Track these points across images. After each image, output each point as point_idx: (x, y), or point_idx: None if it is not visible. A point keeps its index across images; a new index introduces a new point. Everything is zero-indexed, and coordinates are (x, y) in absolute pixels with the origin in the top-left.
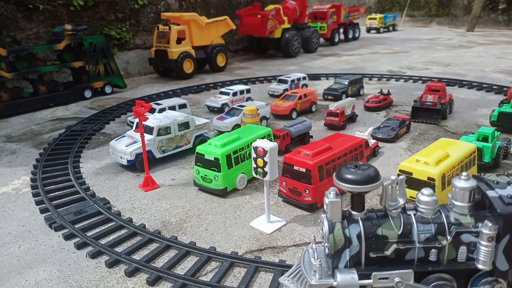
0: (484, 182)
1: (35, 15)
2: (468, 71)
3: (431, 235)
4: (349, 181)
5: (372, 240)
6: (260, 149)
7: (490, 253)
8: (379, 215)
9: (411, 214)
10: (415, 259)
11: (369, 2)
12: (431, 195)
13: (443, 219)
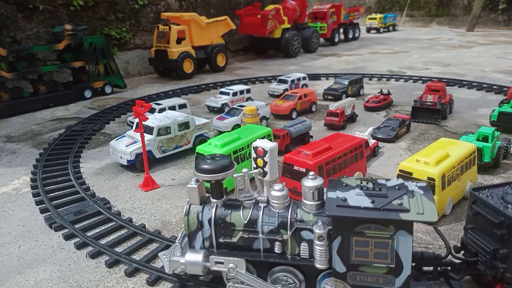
0: (335, 183)
1: (35, 15)
2: (468, 71)
3: (274, 228)
4: (205, 171)
5: (221, 226)
6: (260, 149)
7: (324, 252)
8: (233, 204)
9: (261, 206)
10: (261, 248)
11: (369, 2)
12: (281, 191)
13: (288, 215)
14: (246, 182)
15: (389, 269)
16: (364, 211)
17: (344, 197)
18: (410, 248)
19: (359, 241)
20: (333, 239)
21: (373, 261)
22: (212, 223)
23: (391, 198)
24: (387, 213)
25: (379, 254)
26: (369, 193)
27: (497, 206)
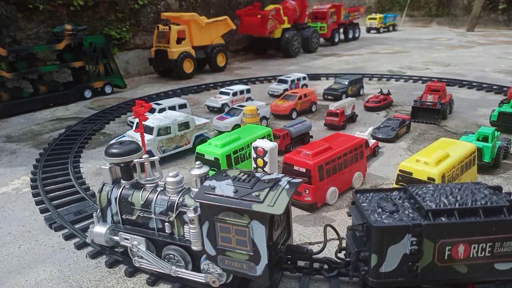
0: (219, 173)
1: (35, 15)
2: (468, 71)
3: (164, 210)
4: (114, 154)
5: (124, 204)
6: (260, 149)
7: (197, 235)
8: (137, 186)
9: (158, 190)
10: (155, 227)
11: (369, 2)
12: (175, 177)
13: (177, 199)
14: (147, 167)
15: (249, 256)
16: (224, 199)
17: (214, 186)
18: (263, 238)
19: (222, 227)
20: (202, 223)
21: (235, 247)
22: (117, 201)
23: (254, 189)
24: (241, 203)
25: (239, 241)
26: (236, 184)
27: (363, 209)
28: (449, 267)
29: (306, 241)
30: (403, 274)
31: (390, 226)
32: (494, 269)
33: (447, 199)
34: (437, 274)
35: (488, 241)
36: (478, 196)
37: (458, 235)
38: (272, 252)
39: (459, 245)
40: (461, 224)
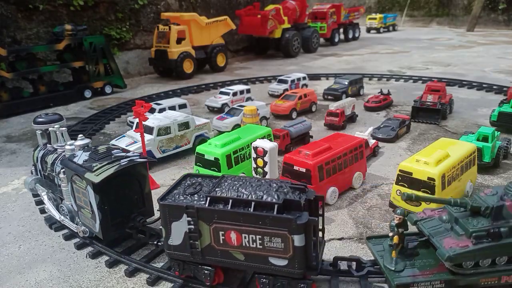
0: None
1: (35, 15)
2: (468, 71)
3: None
4: (36, 122)
5: (43, 163)
6: (260, 149)
7: (66, 193)
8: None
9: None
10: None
11: (369, 2)
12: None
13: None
14: (58, 136)
15: (91, 214)
16: (74, 165)
17: (76, 155)
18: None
19: (76, 188)
20: (68, 183)
21: (84, 206)
22: (39, 160)
23: (98, 161)
24: (80, 170)
25: (85, 201)
26: (91, 156)
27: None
28: (226, 251)
29: None
30: (188, 250)
31: (170, 204)
32: (269, 262)
33: (246, 190)
34: (218, 256)
35: (258, 234)
36: (274, 191)
37: (229, 222)
38: (107, 215)
39: (231, 232)
40: (230, 212)
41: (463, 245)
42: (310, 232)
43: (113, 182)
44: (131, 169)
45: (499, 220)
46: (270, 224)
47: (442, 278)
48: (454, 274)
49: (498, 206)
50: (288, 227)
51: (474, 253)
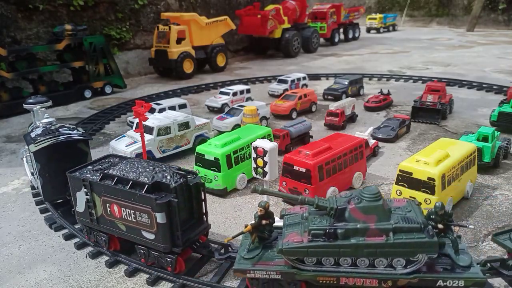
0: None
1: (35, 15)
2: (468, 71)
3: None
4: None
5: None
6: (260, 149)
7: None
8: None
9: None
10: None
11: (369, 2)
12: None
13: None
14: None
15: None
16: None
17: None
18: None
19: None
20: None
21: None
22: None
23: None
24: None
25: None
26: (43, 131)
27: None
28: (113, 221)
29: None
30: (88, 217)
31: (73, 176)
32: (142, 234)
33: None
34: (108, 225)
35: (131, 209)
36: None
37: (112, 196)
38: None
39: (114, 205)
40: (112, 188)
41: (297, 241)
42: (172, 212)
43: (54, 155)
44: (72, 145)
45: (340, 221)
46: (139, 201)
47: (278, 270)
48: (293, 267)
49: (341, 208)
50: (151, 205)
51: (306, 249)
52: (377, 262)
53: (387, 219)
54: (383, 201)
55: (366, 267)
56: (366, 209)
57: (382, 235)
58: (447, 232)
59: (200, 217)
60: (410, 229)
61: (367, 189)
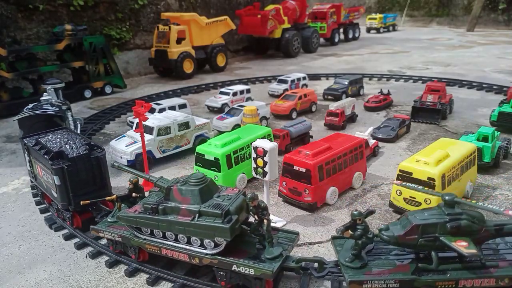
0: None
1: (35, 15)
2: (468, 71)
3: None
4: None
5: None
6: (260, 149)
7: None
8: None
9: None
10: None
11: (369, 2)
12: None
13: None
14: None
15: None
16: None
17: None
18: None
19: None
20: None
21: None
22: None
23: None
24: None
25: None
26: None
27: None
28: (40, 180)
29: (306, 241)
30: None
31: (21, 140)
32: (52, 193)
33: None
34: (39, 183)
35: (45, 171)
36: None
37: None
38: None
39: (38, 166)
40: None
41: (132, 210)
42: (65, 176)
43: (34, 125)
44: (49, 118)
45: (167, 199)
46: (46, 165)
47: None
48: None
49: (168, 188)
50: (50, 169)
51: (135, 218)
52: (193, 240)
53: (198, 203)
54: (207, 187)
55: (185, 243)
56: (183, 191)
57: (190, 215)
58: (261, 225)
59: (103, 186)
60: (213, 214)
61: (194, 175)
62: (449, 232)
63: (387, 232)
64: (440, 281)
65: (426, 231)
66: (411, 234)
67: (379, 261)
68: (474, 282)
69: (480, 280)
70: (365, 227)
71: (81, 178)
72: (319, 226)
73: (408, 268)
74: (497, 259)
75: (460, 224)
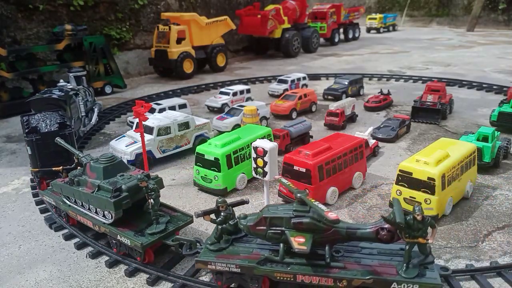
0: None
1: (35, 15)
2: (468, 71)
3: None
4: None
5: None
6: (260, 149)
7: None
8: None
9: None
10: None
11: (369, 2)
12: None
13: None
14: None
15: None
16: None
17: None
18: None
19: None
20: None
21: None
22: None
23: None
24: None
25: None
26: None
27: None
28: None
29: None
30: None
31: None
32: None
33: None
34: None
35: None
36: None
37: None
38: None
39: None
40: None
41: (61, 180)
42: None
43: (44, 106)
44: (54, 101)
45: (84, 173)
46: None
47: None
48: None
49: (85, 163)
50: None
51: (60, 187)
52: (98, 211)
53: (100, 178)
54: (112, 166)
55: (94, 213)
56: (92, 167)
57: (92, 188)
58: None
59: (68, 159)
60: (107, 189)
61: (105, 154)
62: (293, 227)
63: (243, 221)
64: (279, 272)
65: (274, 223)
66: (260, 225)
67: (241, 248)
68: (312, 279)
69: (318, 278)
70: (227, 214)
71: (50, 151)
72: None
73: (258, 257)
74: (348, 262)
75: (302, 221)
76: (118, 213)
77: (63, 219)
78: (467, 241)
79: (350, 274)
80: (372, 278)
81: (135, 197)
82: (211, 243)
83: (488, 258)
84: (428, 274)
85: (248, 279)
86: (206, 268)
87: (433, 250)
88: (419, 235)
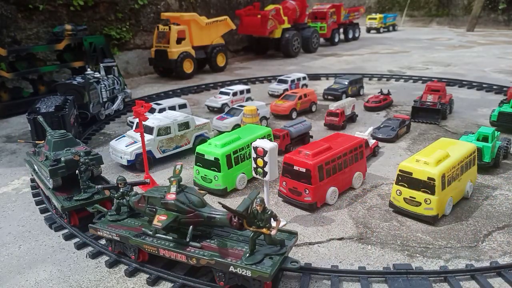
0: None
1: (35, 15)
2: (468, 71)
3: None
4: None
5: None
6: (260, 149)
7: None
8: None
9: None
10: None
11: (369, 2)
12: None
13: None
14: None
15: None
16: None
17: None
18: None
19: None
20: None
21: None
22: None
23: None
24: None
25: None
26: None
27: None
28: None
29: (306, 241)
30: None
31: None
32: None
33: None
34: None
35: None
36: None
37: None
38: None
39: None
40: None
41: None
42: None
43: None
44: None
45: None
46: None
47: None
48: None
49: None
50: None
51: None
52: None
53: (50, 150)
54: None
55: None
56: (47, 141)
57: (42, 158)
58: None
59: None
60: (49, 159)
61: (59, 131)
62: (162, 206)
63: (133, 198)
64: (147, 244)
65: (150, 202)
66: (141, 203)
67: (133, 222)
68: (170, 254)
69: (175, 254)
70: (124, 192)
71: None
72: (319, 226)
73: (139, 230)
74: (209, 244)
75: (167, 202)
76: (56, 180)
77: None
78: (467, 241)
79: (199, 254)
80: (214, 260)
81: (73, 168)
82: (110, 214)
83: (488, 258)
84: (265, 263)
85: (128, 247)
86: (96, 233)
87: (433, 250)
88: (263, 226)
